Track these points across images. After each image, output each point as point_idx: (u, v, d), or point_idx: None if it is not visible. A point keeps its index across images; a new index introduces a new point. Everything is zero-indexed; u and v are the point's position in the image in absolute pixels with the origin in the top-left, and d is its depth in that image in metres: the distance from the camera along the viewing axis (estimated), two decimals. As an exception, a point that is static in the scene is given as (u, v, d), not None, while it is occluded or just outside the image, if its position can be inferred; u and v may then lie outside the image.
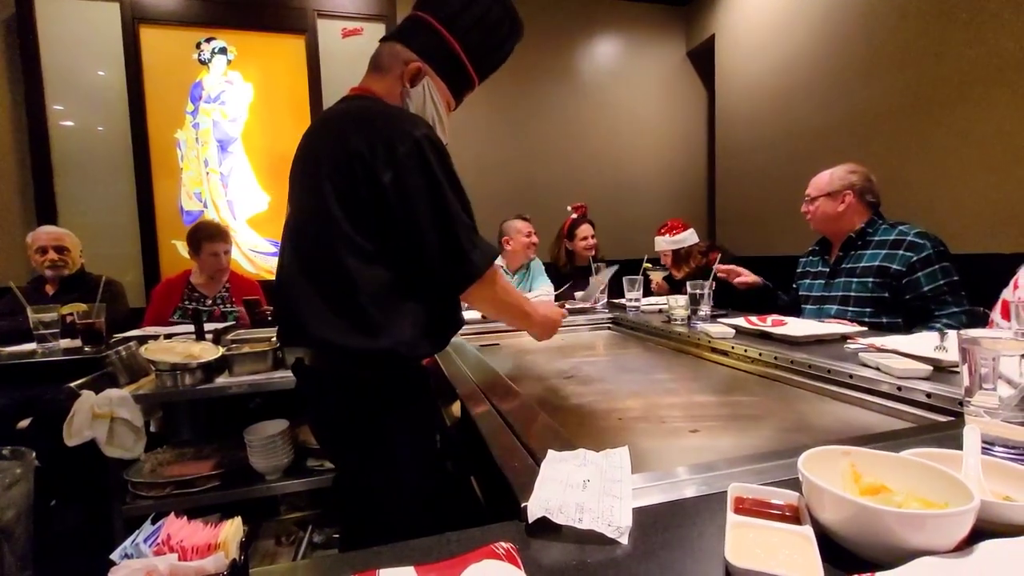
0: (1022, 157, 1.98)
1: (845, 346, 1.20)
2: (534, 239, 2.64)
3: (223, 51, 3.05)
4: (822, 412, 0.94)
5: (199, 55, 3.02)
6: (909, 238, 1.58)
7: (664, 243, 2.63)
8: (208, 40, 3.02)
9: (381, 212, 0.84)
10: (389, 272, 0.86)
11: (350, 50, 3.22)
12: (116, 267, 2.85)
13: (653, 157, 4.10)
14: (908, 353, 1.02)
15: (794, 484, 0.48)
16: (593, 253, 2.77)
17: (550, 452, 0.63)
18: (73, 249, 2.32)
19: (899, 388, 0.91)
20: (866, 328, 1.40)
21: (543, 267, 2.75)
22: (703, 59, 4.00)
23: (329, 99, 3.18)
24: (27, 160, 2.83)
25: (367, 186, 0.83)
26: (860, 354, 1.07)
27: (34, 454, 0.46)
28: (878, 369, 0.98)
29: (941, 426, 0.77)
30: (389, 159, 0.82)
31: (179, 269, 2.54)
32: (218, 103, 3.07)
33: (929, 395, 0.86)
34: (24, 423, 1.69)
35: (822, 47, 2.87)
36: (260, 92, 3.14)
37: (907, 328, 1.52)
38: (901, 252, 1.58)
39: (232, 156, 3.12)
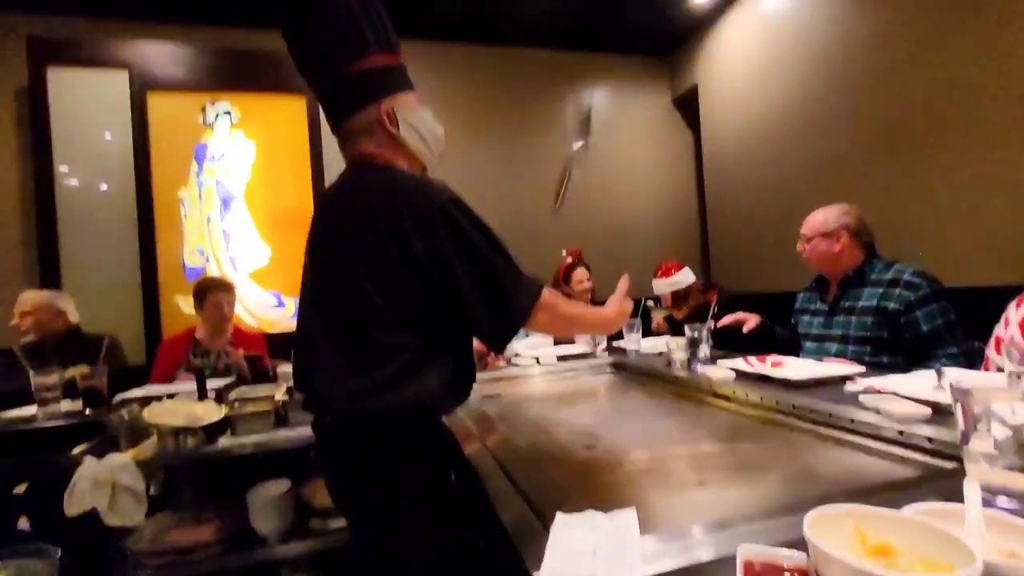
0: (999, 192, 2.06)
1: (845, 388, 1.21)
2: None
3: (227, 113, 3.17)
4: (827, 459, 0.95)
5: (204, 118, 3.14)
6: (905, 277, 1.61)
7: (663, 286, 2.66)
8: (213, 103, 3.15)
9: (418, 283, 0.87)
10: (419, 337, 0.89)
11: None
12: (117, 323, 2.86)
13: (645, 200, 4.21)
14: (907, 395, 1.03)
15: (803, 541, 0.49)
16: (589, 296, 2.80)
17: (558, 515, 0.64)
18: (36, 311, 2.26)
19: (900, 432, 0.91)
20: (865, 368, 1.40)
21: None
22: (688, 106, 4.17)
23: (329, 155, 3.28)
24: (32, 222, 2.89)
25: (402, 262, 0.87)
26: (860, 396, 1.08)
27: (59, 552, 0.47)
28: (878, 412, 0.99)
29: (944, 474, 0.78)
30: (421, 232, 0.86)
31: (181, 325, 2.55)
32: (221, 161, 3.17)
33: (931, 439, 0.87)
34: (20, 488, 1.67)
35: (801, 93, 3.01)
36: (262, 150, 3.25)
37: (907, 368, 1.53)
38: (899, 291, 1.60)
39: (234, 212, 3.19)
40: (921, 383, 1.12)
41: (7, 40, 2.96)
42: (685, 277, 2.64)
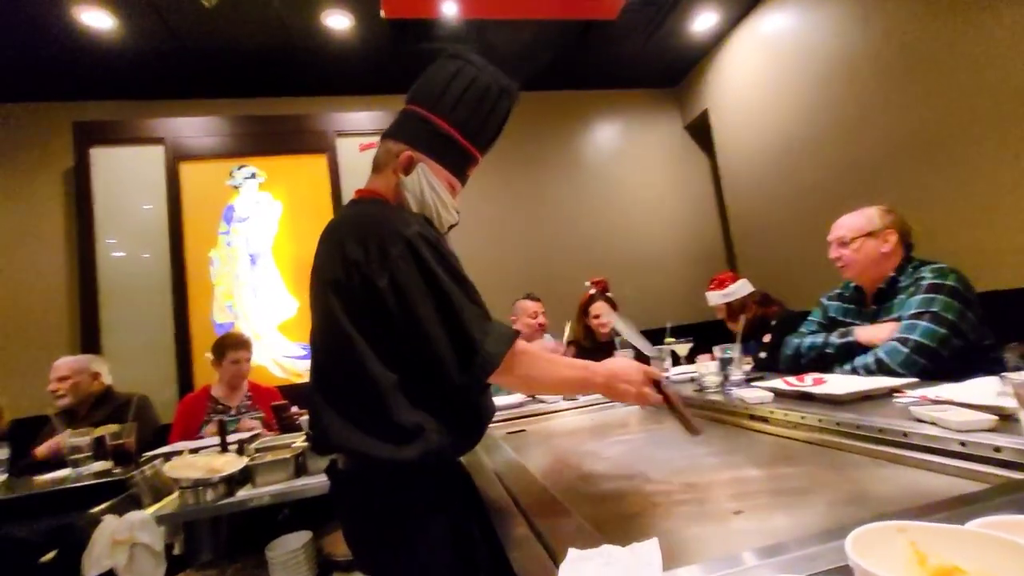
0: (1002, 199, 1.96)
1: (894, 400, 1.11)
2: (541, 320, 2.68)
3: (253, 176, 3.34)
4: (879, 478, 0.84)
5: (232, 181, 3.31)
6: (937, 276, 1.50)
7: (716, 297, 2.52)
8: (240, 168, 3.32)
9: (385, 318, 0.82)
10: (406, 376, 0.84)
11: (368, 161, 3.48)
12: (152, 385, 2.93)
13: (666, 225, 4.17)
14: (966, 403, 0.93)
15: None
16: (607, 331, 2.71)
17: (571, 551, 0.58)
18: (73, 375, 2.32)
19: (962, 444, 0.81)
20: (916, 379, 1.29)
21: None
22: (700, 130, 4.17)
23: (350, 206, 3.39)
24: (77, 292, 3.05)
25: (366, 293, 0.83)
26: (911, 408, 0.98)
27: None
28: (935, 424, 0.89)
29: (1019, 486, 0.67)
30: (383, 263, 0.81)
31: (212, 381, 2.58)
32: (249, 221, 3.31)
33: (998, 449, 0.76)
34: (48, 556, 1.66)
35: (810, 109, 2.97)
36: (288, 207, 3.39)
37: (964, 376, 1.40)
38: (927, 286, 1.49)
39: (261, 267, 3.30)
40: (981, 390, 1.01)
41: (55, 125, 3.22)
42: (740, 288, 2.50)
